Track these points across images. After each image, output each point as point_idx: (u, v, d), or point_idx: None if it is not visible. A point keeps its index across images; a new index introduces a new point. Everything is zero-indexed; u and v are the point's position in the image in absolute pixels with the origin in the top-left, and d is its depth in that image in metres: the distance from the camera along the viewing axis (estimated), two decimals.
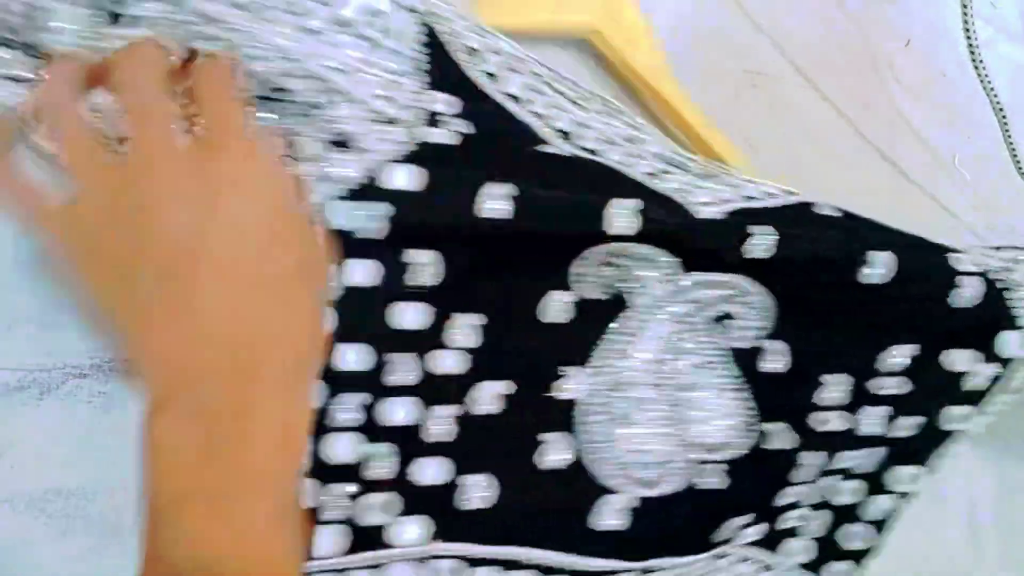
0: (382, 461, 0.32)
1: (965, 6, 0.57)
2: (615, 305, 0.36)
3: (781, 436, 0.38)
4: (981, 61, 0.59)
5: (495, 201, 0.32)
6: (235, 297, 0.26)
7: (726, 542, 0.38)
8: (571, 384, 0.36)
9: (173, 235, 0.25)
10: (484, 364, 0.34)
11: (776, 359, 0.38)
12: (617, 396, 0.36)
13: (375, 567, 0.32)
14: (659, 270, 0.36)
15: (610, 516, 0.35)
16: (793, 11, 0.64)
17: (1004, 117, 0.60)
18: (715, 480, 0.37)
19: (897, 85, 0.68)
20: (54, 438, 0.33)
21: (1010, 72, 0.74)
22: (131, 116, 0.27)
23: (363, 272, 0.32)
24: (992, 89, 0.60)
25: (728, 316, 0.38)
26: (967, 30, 0.57)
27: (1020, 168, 0.61)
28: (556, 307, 0.35)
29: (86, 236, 0.26)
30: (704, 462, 0.37)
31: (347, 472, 0.31)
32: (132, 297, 0.26)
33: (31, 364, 0.33)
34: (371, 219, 0.31)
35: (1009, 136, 0.61)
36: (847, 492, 0.41)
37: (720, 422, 0.37)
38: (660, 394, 0.36)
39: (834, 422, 0.39)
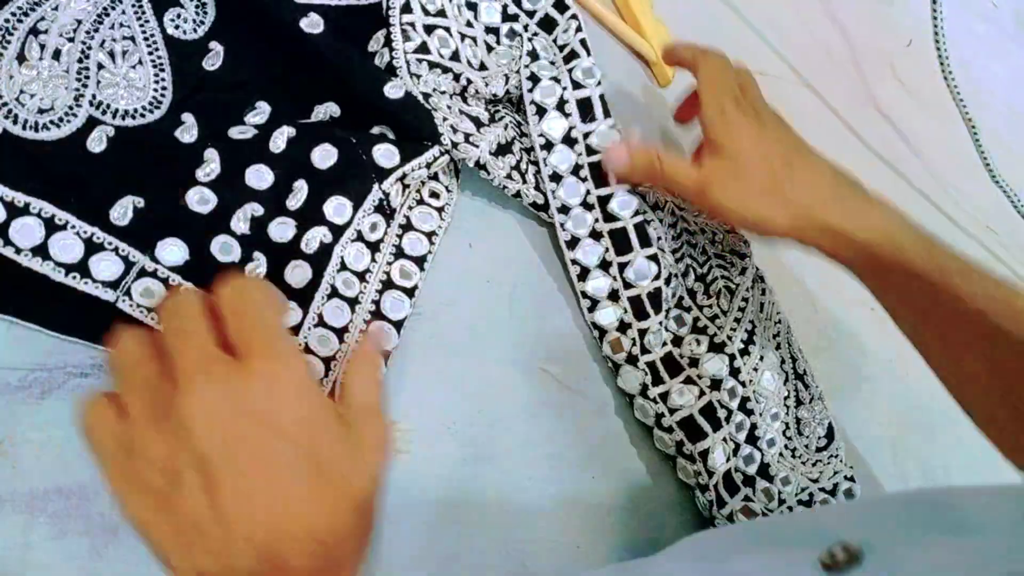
0: None
1: (936, 20, 0.57)
2: None
3: (191, 129, 0.39)
4: (951, 72, 0.59)
5: None
6: (267, 498, 0.27)
7: None
8: None
9: (212, 442, 0.27)
10: None
11: (213, 60, 0.40)
12: (28, 36, 0.37)
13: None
14: None
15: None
16: (795, 11, 0.64)
17: (974, 127, 0.60)
18: (101, 144, 0.37)
19: (897, 85, 0.68)
20: (54, 438, 0.33)
21: (1009, 71, 0.74)
22: (170, 339, 0.29)
23: None
24: (961, 100, 0.60)
25: (172, 2, 0.40)
26: (937, 43, 0.57)
27: (993, 176, 0.62)
28: None
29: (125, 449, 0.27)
30: (98, 122, 0.37)
31: None
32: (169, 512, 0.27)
33: (31, 364, 0.33)
34: None
35: (979, 142, 0.61)
36: (276, 229, 0.38)
37: (128, 91, 0.38)
38: (72, 49, 0.38)
39: (248, 133, 0.40)
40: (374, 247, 0.40)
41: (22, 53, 0.37)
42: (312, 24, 0.41)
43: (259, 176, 0.38)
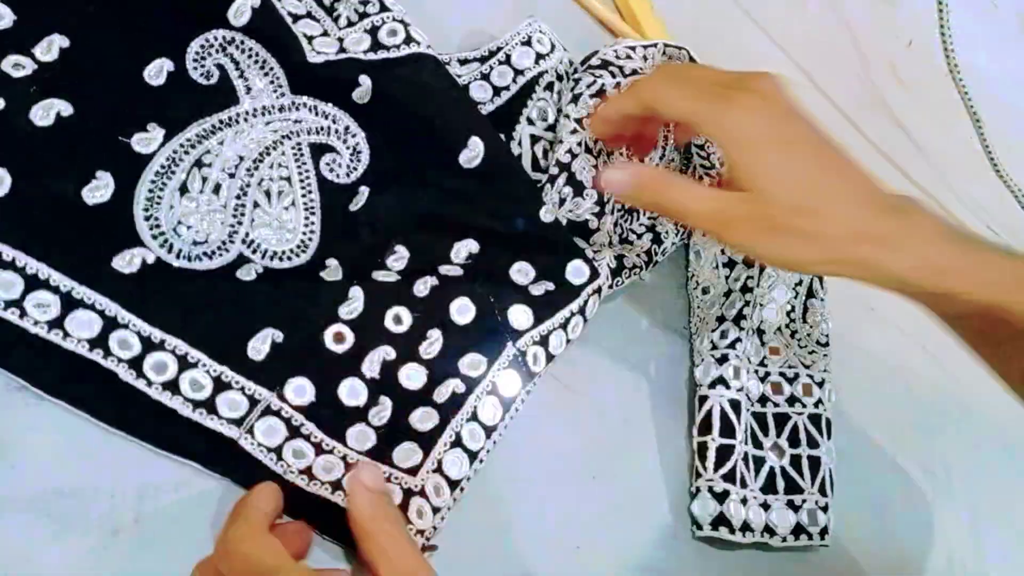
0: None
1: (941, 14, 0.57)
2: (226, 95, 0.40)
3: (335, 272, 0.39)
4: (956, 66, 0.59)
5: None
6: None
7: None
8: (151, 141, 0.38)
9: None
10: (56, 81, 0.36)
11: (358, 200, 0.41)
12: (192, 168, 0.38)
13: None
14: (269, 78, 0.40)
15: (132, 266, 0.36)
16: (796, 11, 0.64)
17: (979, 121, 0.60)
18: (250, 276, 0.38)
19: (898, 85, 0.68)
20: (54, 438, 0.33)
21: (1009, 71, 0.74)
22: None
23: None
24: (968, 95, 0.60)
25: (328, 148, 0.41)
26: (944, 37, 0.57)
27: (997, 170, 0.62)
28: (158, 70, 0.38)
29: None
30: (248, 260, 0.38)
31: None
32: None
33: None
34: None
35: (984, 138, 0.61)
36: (406, 376, 0.38)
37: (279, 233, 0.39)
38: (232, 185, 0.39)
39: (392, 277, 0.40)
40: (508, 405, 0.40)
41: (185, 184, 0.38)
42: (471, 156, 0.41)
43: (397, 319, 0.39)
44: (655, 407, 0.46)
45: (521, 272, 0.42)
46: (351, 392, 0.37)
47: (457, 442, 0.38)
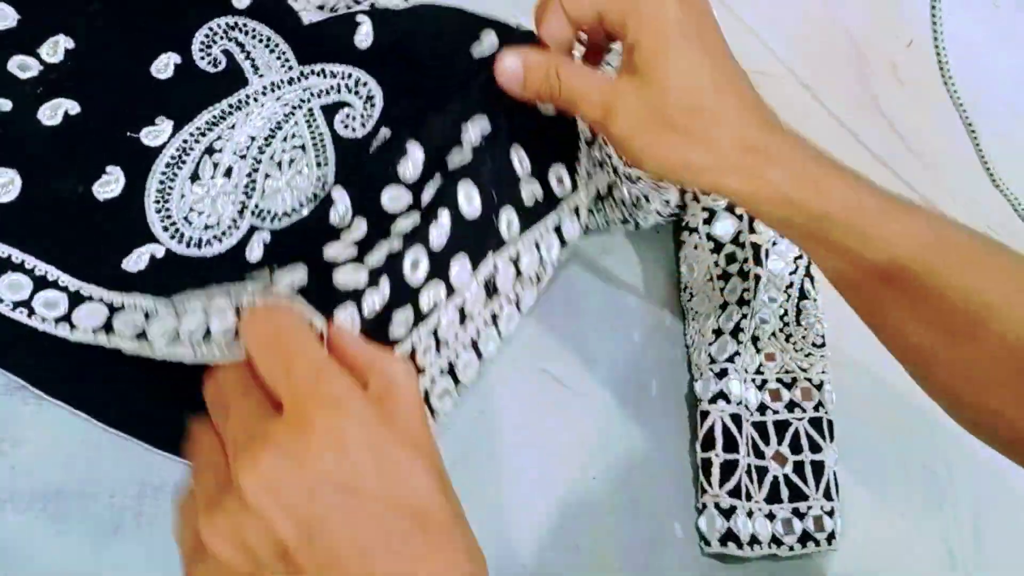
0: None
1: (935, 16, 0.57)
2: (234, 79, 0.39)
3: (342, 203, 0.36)
4: (951, 76, 0.59)
5: None
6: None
7: None
8: (159, 134, 0.38)
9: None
10: (63, 81, 0.37)
11: (378, 142, 0.40)
12: (203, 156, 0.38)
13: None
14: (275, 54, 0.40)
15: (141, 263, 0.36)
16: (795, 10, 0.64)
17: (972, 129, 0.60)
18: (259, 249, 0.37)
19: (898, 85, 0.68)
20: (54, 438, 0.33)
21: (1010, 71, 0.74)
22: (213, 412, 0.26)
23: None
24: (961, 104, 0.60)
25: (342, 104, 0.41)
26: (936, 46, 0.57)
27: (992, 177, 0.62)
28: (165, 64, 0.39)
29: None
30: (258, 229, 0.38)
31: None
32: None
33: None
34: None
35: (978, 144, 0.61)
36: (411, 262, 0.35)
37: (293, 193, 0.39)
38: (243, 165, 0.38)
39: (402, 200, 0.37)
40: (465, 319, 0.38)
41: (196, 172, 0.38)
42: (484, 48, 0.38)
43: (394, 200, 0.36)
44: (654, 406, 0.46)
45: (519, 159, 0.39)
46: (349, 276, 0.34)
47: (412, 352, 0.36)
